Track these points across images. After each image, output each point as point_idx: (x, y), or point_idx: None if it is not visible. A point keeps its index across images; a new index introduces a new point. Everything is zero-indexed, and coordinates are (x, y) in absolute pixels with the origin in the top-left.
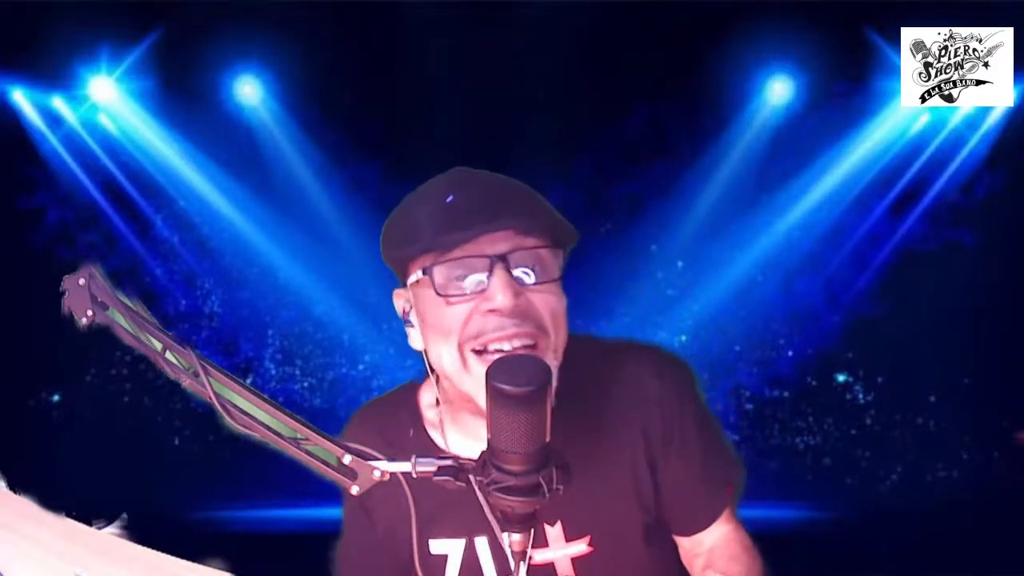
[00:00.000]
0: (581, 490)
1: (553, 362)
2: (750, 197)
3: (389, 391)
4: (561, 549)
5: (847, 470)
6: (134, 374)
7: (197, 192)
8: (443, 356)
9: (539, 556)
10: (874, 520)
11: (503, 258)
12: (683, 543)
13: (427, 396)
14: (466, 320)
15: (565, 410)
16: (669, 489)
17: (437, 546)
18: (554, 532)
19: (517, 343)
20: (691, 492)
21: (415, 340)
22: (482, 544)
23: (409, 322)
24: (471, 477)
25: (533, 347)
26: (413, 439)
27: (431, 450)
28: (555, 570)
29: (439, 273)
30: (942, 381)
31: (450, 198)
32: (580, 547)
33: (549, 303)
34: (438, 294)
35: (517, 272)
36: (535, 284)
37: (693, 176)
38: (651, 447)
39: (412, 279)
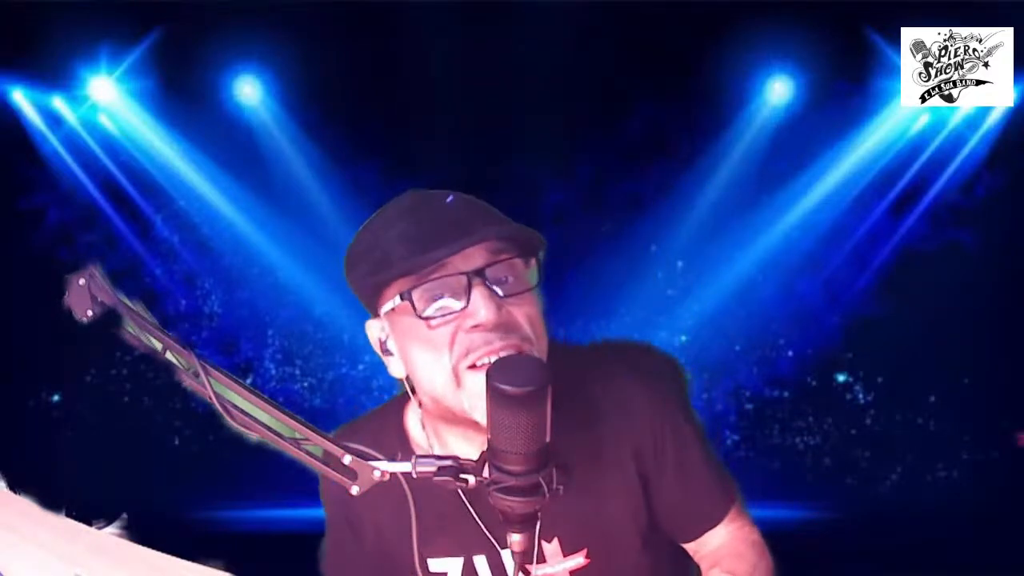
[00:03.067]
0: (574, 506)
1: None
2: (750, 197)
3: (369, 413)
4: (559, 563)
5: (847, 470)
6: (134, 374)
7: (197, 192)
8: (435, 378)
9: (538, 572)
10: (874, 520)
11: (480, 273)
12: (689, 547)
13: (412, 418)
14: (452, 340)
15: (554, 423)
16: (665, 501)
17: (436, 565)
18: (551, 548)
19: (505, 355)
20: (689, 500)
21: (395, 368)
22: (481, 562)
23: (387, 351)
24: (461, 492)
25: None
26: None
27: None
28: None
29: (419, 296)
30: (942, 381)
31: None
32: (578, 560)
33: (528, 312)
34: (420, 317)
35: (494, 285)
36: (513, 296)
37: (693, 176)
38: (643, 462)
39: (387, 307)
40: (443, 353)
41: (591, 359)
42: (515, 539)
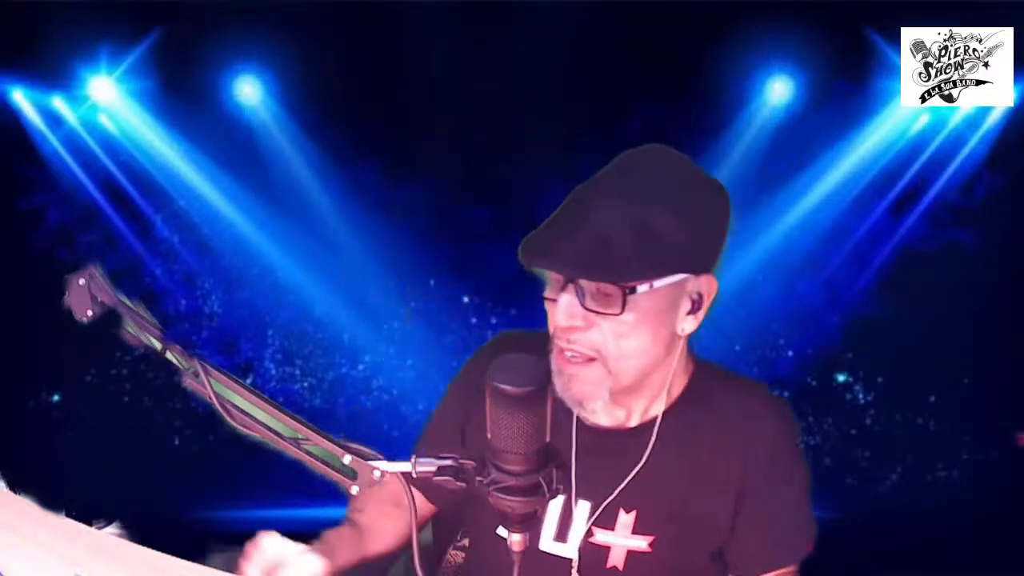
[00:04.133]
0: (668, 495)
1: (607, 379)
2: (750, 197)
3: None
4: (624, 538)
5: (847, 470)
6: (134, 374)
7: (197, 192)
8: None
9: (601, 536)
10: (874, 520)
11: (575, 282)
12: None
13: None
14: (552, 316)
15: (679, 425)
16: (744, 527)
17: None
18: (626, 519)
19: (569, 356)
20: (766, 537)
21: None
22: (553, 502)
23: None
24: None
25: (591, 360)
26: None
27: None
28: (607, 556)
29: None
30: (942, 381)
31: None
32: (641, 543)
33: (616, 328)
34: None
35: (587, 295)
36: (599, 313)
37: None
38: (746, 479)
39: None
40: (550, 321)
41: (731, 378)
42: (515, 539)
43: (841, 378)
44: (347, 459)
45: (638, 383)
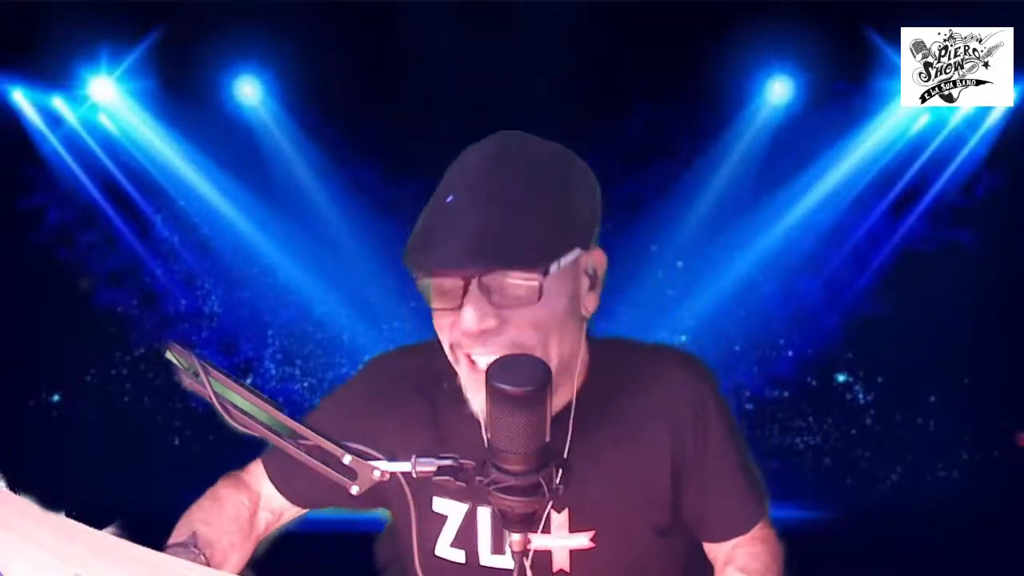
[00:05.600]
0: (596, 483)
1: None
2: (750, 197)
3: (420, 344)
4: (562, 539)
5: (847, 470)
6: (134, 374)
7: (197, 192)
8: (445, 350)
9: (538, 542)
10: (874, 520)
11: (478, 280)
12: (711, 546)
13: None
14: (451, 328)
15: (592, 407)
16: (697, 501)
17: (439, 504)
18: (559, 520)
19: (497, 354)
20: (720, 507)
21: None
22: (484, 514)
23: None
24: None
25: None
26: (447, 391)
27: (461, 405)
28: (551, 560)
29: (423, 287)
30: (942, 381)
31: (449, 198)
32: (582, 540)
33: (532, 319)
34: (430, 306)
35: (495, 292)
36: (508, 308)
37: (693, 176)
38: (681, 451)
39: None
40: (445, 336)
41: (637, 349)
42: (514, 539)
43: (841, 378)
44: (347, 459)
45: (558, 374)
